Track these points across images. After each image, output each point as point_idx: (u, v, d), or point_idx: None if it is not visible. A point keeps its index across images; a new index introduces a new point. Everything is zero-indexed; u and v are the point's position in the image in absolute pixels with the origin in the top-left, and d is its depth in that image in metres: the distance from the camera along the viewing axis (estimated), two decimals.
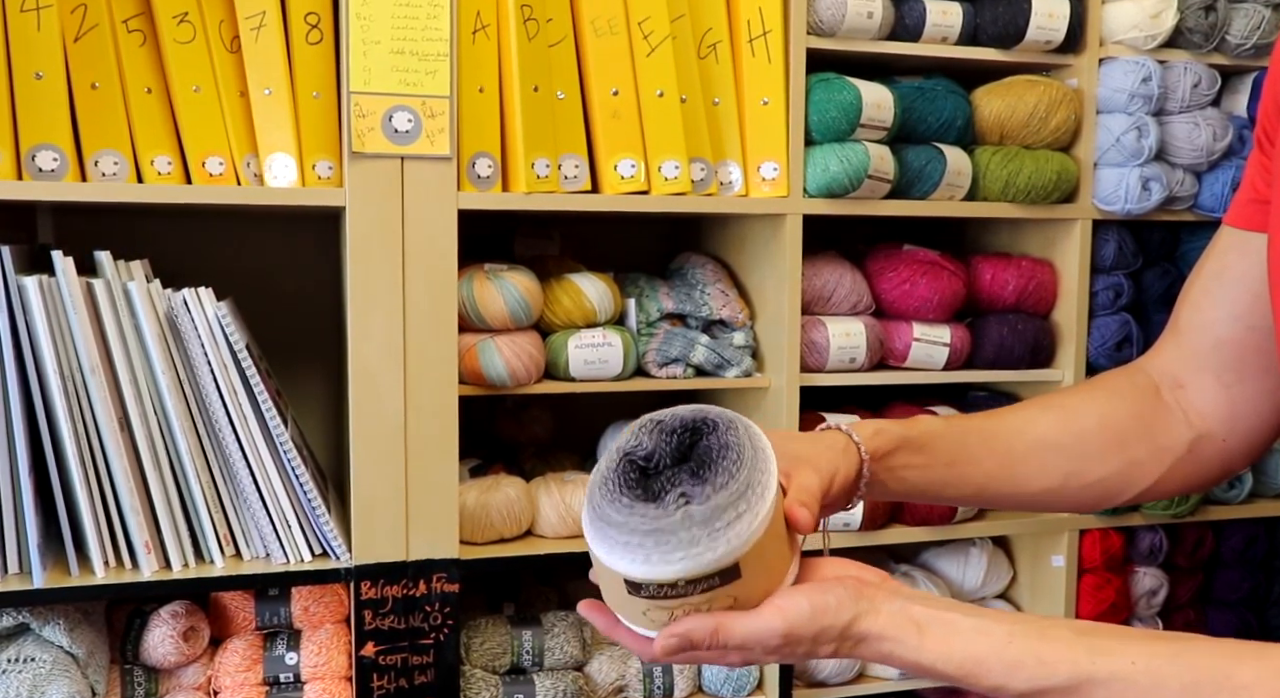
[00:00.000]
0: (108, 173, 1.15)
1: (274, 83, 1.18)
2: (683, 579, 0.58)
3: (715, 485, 0.59)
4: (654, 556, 0.58)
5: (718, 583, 0.59)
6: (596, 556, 0.61)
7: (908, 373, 1.45)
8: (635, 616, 0.62)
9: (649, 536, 0.58)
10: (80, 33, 1.14)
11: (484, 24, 1.24)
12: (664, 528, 0.58)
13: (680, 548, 0.58)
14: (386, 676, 1.23)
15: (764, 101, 1.33)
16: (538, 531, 1.34)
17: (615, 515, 0.60)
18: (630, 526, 0.59)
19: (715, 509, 0.58)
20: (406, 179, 1.19)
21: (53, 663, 1.13)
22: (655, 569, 0.58)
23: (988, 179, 1.41)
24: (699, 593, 0.59)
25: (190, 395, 1.16)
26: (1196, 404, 0.77)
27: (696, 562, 0.58)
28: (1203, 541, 1.60)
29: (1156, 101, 1.42)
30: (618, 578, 0.60)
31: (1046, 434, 0.77)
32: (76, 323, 1.10)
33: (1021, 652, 0.58)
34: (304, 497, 1.19)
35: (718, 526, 0.58)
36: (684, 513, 0.58)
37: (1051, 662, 0.57)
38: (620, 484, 0.61)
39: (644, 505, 0.59)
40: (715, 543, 0.58)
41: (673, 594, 0.59)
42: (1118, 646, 0.56)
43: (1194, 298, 0.77)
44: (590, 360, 1.31)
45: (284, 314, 1.45)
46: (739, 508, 0.59)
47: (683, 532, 0.58)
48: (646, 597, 0.59)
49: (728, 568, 0.58)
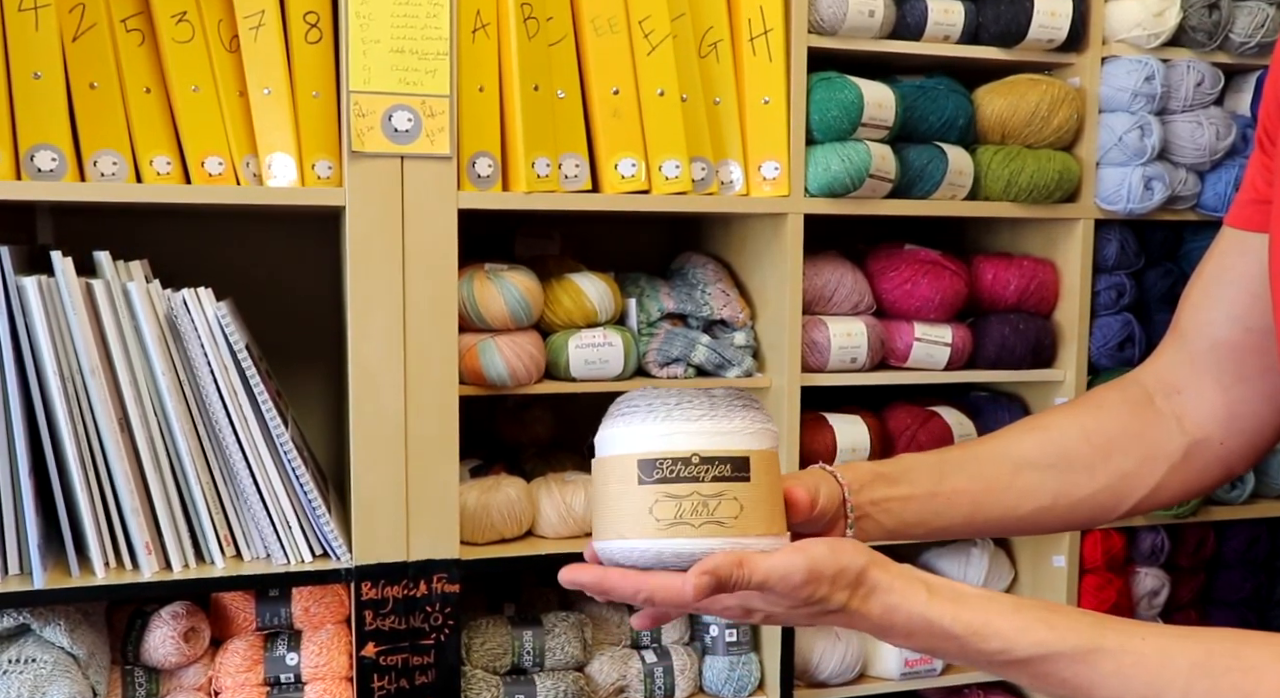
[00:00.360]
0: (107, 173, 1.15)
1: (273, 82, 1.18)
2: (699, 454, 0.61)
3: (733, 393, 0.65)
4: (675, 412, 0.62)
5: (729, 473, 0.61)
6: (610, 441, 0.64)
7: (909, 373, 1.45)
8: (639, 519, 0.62)
9: (671, 396, 0.63)
10: (78, 32, 1.13)
11: (484, 23, 1.23)
12: (687, 392, 0.63)
13: (701, 407, 0.62)
14: (387, 676, 1.23)
15: (765, 100, 1.32)
16: (538, 531, 1.34)
17: (637, 395, 0.64)
18: (654, 395, 0.64)
19: (733, 393, 0.64)
20: (406, 179, 1.19)
21: (54, 664, 1.13)
22: (676, 428, 0.61)
23: (989, 178, 1.40)
24: (710, 480, 0.61)
25: (190, 396, 1.15)
26: (1193, 409, 0.76)
27: (716, 426, 0.61)
28: (1204, 541, 1.60)
29: (1159, 100, 1.42)
30: (629, 466, 0.62)
31: (1028, 455, 0.77)
32: (76, 323, 1.10)
33: (1030, 618, 0.58)
34: (304, 497, 1.19)
35: (736, 402, 0.63)
36: (706, 393, 0.64)
37: (1060, 627, 0.57)
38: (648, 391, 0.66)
39: (668, 389, 0.65)
40: (732, 414, 0.62)
41: (686, 474, 0.61)
42: (1125, 624, 0.57)
43: (1194, 300, 0.77)
44: (591, 360, 1.31)
45: (284, 314, 1.44)
46: (751, 402, 0.64)
47: (704, 397, 0.63)
48: (658, 480, 0.61)
49: (741, 456, 0.61)
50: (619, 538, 0.63)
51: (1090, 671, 0.55)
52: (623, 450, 0.63)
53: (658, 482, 0.61)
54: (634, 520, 0.62)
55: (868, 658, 1.47)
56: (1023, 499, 0.77)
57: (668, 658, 1.38)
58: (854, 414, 1.44)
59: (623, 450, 0.63)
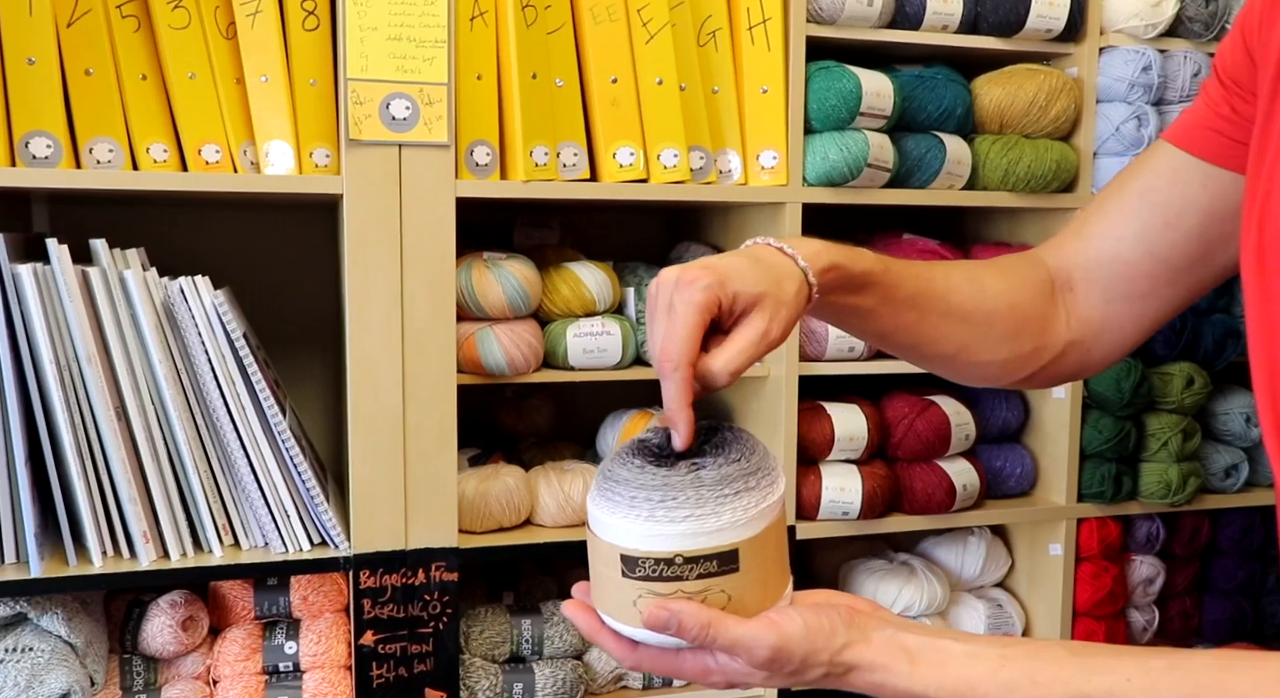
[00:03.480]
0: (103, 160, 1.14)
1: (270, 70, 1.17)
2: (682, 554, 0.57)
3: (727, 459, 0.60)
4: (658, 512, 0.57)
5: (715, 569, 0.58)
6: (597, 522, 0.60)
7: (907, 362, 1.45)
8: (624, 607, 0.60)
9: (656, 490, 0.58)
10: (73, 18, 1.13)
11: (482, 11, 1.23)
12: (672, 484, 0.58)
13: (686, 507, 0.57)
14: (386, 664, 1.23)
15: (763, 90, 1.32)
16: (537, 520, 1.34)
17: (624, 473, 0.60)
18: (638, 482, 0.59)
19: (725, 477, 0.58)
20: (404, 167, 1.19)
21: (51, 653, 1.13)
22: (659, 530, 0.57)
23: (987, 168, 1.41)
24: (695, 578, 0.58)
25: (187, 384, 1.15)
26: (1079, 310, 0.77)
27: (701, 526, 0.57)
28: (1199, 529, 1.61)
29: (1156, 91, 1.42)
30: (614, 556, 0.59)
31: (962, 306, 0.76)
32: (72, 312, 1.09)
33: (1015, 674, 0.57)
34: (302, 486, 1.19)
35: (726, 493, 0.58)
36: (694, 475, 0.58)
37: (1045, 682, 0.56)
38: (634, 452, 0.61)
39: (655, 467, 0.60)
40: (720, 510, 0.57)
41: (669, 574, 0.58)
42: (1112, 663, 0.56)
43: (1108, 208, 0.77)
44: (589, 349, 1.31)
45: (282, 303, 1.44)
46: (748, 483, 0.59)
47: (690, 490, 0.58)
48: (640, 577, 0.58)
49: (728, 551, 0.58)
50: (608, 615, 0.62)
51: None
52: (606, 538, 0.60)
53: (640, 579, 0.58)
54: (619, 607, 0.60)
55: None
56: (936, 342, 0.76)
57: None
58: (852, 403, 1.45)
59: (606, 538, 0.60)
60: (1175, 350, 1.51)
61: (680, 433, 0.61)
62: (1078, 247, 0.78)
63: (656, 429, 0.64)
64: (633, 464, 0.60)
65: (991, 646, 0.59)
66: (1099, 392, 1.48)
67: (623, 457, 0.62)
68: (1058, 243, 0.81)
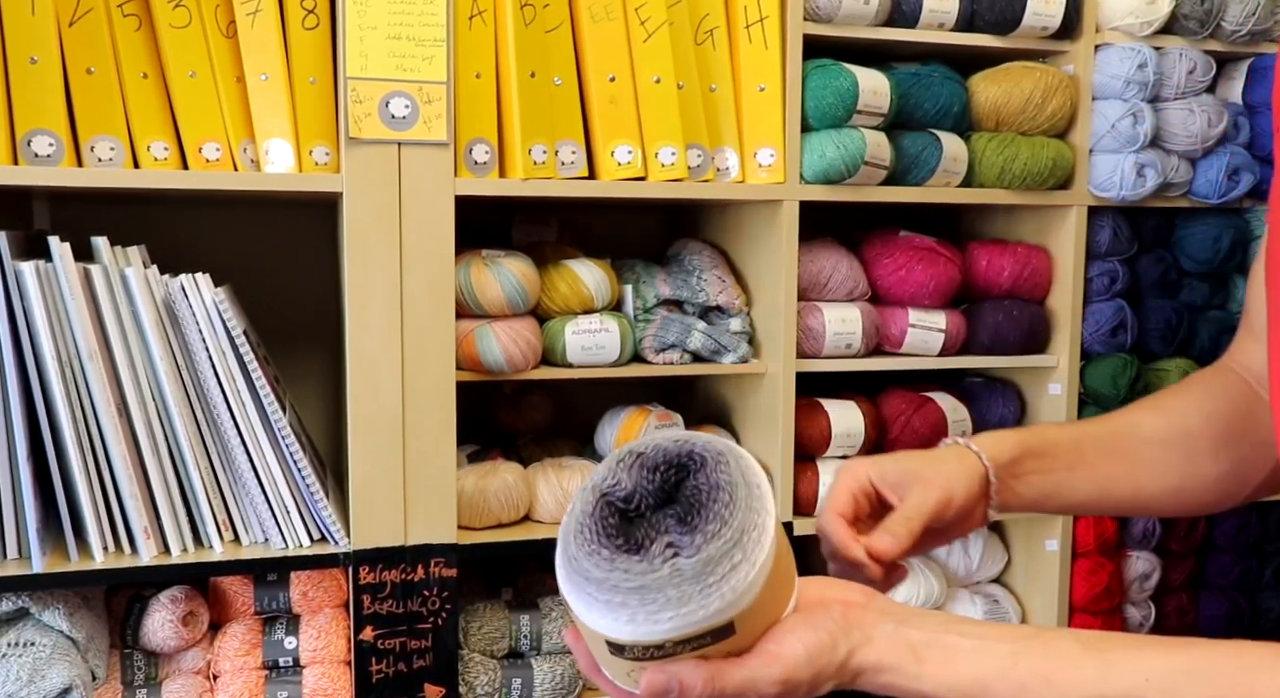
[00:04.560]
0: (104, 158, 1.15)
1: (270, 68, 1.18)
2: (670, 640, 0.52)
3: (706, 535, 0.52)
4: (639, 615, 0.51)
5: (709, 642, 0.53)
6: (574, 612, 0.55)
7: (904, 359, 1.46)
8: (620, 677, 0.57)
9: (633, 593, 0.52)
10: (75, 17, 1.13)
11: (480, 10, 1.24)
12: (650, 585, 0.51)
13: (669, 607, 0.51)
14: (385, 660, 1.24)
15: (761, 88, 1.33)
16: (535, 516, 1.35)
17: (595, 571, 0.53)
18: (611, 582, 0.52)
19: (707, 562, 0.52)
20: (404, 165, 1.19)
21: (52, 648, 1.14)
22: (641, 629, 0.52)
23: (984, 165, 1.41)
24: (689, 652, 0.53)
25: (188, 381, 1.16)
26: None
27: (687, 620, 0.52)
28: (1195, 525, 1.61)
29: (1152, 88, 1.43)
30: (599, 639, 0.54)
31: (1158, 434, 0.75)
32: (74, 309, 1.10)
33: (1028, 673, 0.54)
34: (302, 482, 1.19)
35: (710, 581, 0.51)
36: (672, 567, 0.52)
37: (1060, 682, 0.54)
38: (599, 533, 0.54)
39: (626, 558, 0.53)
40: (708, 600, 0.51)
41: (659, 655, 0.53)
42: (1128, 660, 0.53)
43: (1258, 294, 0.75)
44: (588, 347, 1.32)
45: (282, 301, 1.45)
46: (734, 558, 0.52)
47: (671, 589, 0.51)
48: (631, 659, 0.54)
49: (721, 626, 0.53)
50: (606, 675, 0.58)
51: None
52: (587, 624, 0.54)
53: (630, 659, 0.53)
54: (614, 675, 0.56)
55: None
56: (1152, 479, 0.75)
57: None
58: (849, 400, 1.45)
59: (587, 624, 0.54)
60: (1171, 347, 1.52)
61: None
62: (1253, 345, 0.77)
63: (620, 463, 0.57)
64: (600, 557, 0.53)
65: (1001, 640, 0.57)
66: (1095, 388, 1.49)
67: (587, 538, 0.54)
68: (1237, 346, 0.79)
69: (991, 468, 0.71)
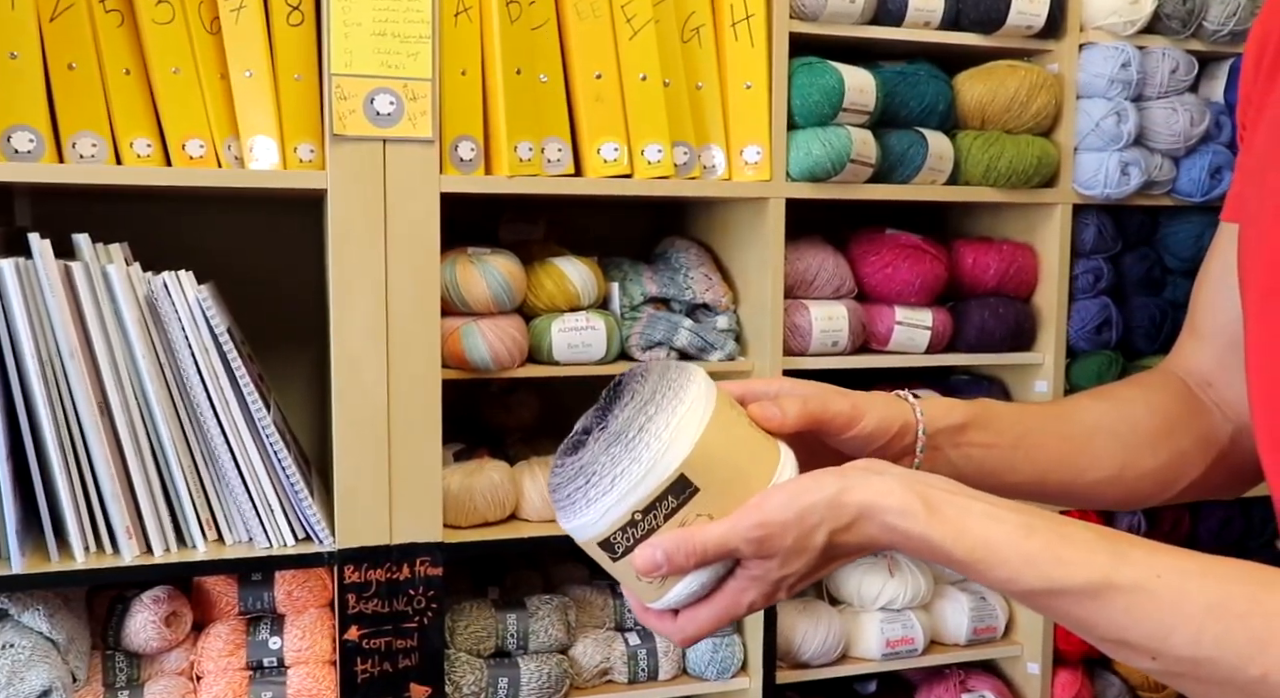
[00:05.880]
0: (86, 155, 1.14)
1: (255, 65, 1.17)
2: (634, 510, 0.56)
3: (620, 407, 0.58)
4: (592, 493, 0.56)
5: (674, 503, 0.56)
6: (570, 531, 0.60)
7: (890, 356, 1.46)
8: (637, 586, 0.59)
9: (579, 477, 0.57)
10: (56, 12, 1.12)
11: (466, 6, 1.23)
12: (586, 463, 0.57)
13: (607, 475, 0.56)
14: (370, 659, 1.23)
15: (747, 85, 1.33)
16: (521, 514, 1.34)
17: (554, 479, 0.60)
18: (564, 479, 0.58)
19: (626, 423, 0.57)
20: (389, 162, 1.19)
21: (32, 649, 1.12)
22: (605, 507, 0.56)
23: (969, 163, 1.42)
24: (665, 520, 0.56)
25: (171, 380, 1.15)
26: (1228, 398, 0.75)
27: (630, 482, 0.55)
28: (1179, 522, 1.62)
29: (1135, 87, 1.44)
30: (596, 550, 0.59)
31: (1101, 421, 0.75)
32: (54, 306, 1.09)
33: (1039, 547, 0.53)
34: (287, 481, 1.19)
35: (631, 435, 0.56)
36: (596, 441, 0.57)
37: (1071, 562, 0.52)
38: (561, 453, 0.61)
39: (569, 456, 0.59)
40: (637, 453, 0.55)
41: (640, 534, 0.56)
42: (1142, 556, 0.52)
43: (1207, 299, 0.76)
44: (574, 344, 1.31)
45: (266, 298, 1.44)
46: (648, 411, 0.57)
47: (603, 457, 0.56)
48: (624, 553, 0.57)
49: (672, 481, 0.55)
50: (643, 599, 0.61)
51: (1099, 608, 0.52)
52: (582, 539, 0.59)
53: (625, 554, 0.57)
54: (634, 588, 0.60)
55: (849, 639, 1.48)
56: (1092, 467, 0.74)
57: (651, 640, 1.39)
58: None
59: (582, 539, 0.59)
60: (1155, 344, 1.52)
61: None
62: (1197, 346, 0.77)
63: (587, 415, 0.63)
64: (556, 467, 0.60)
65: (1016, 513, 0.55)
66: (1080, 385, 1.50)
67: (553, 464, 0.62)
68: (1178, 350, 0.79)
69: (922, 422, 0.69)
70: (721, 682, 1.40)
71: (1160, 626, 0.51)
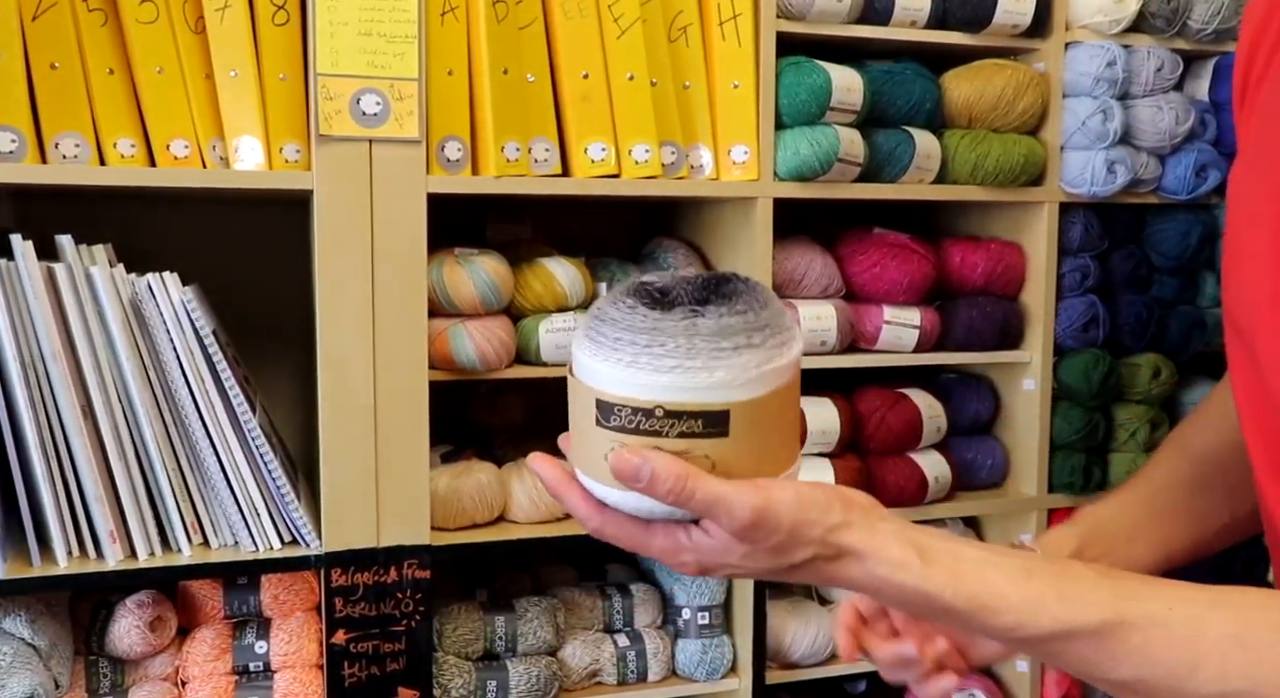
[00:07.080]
0: (69, 155, 1.13)
1: (240, 65, 1.17)
2: (663, 406, 0.51)
3: (732, 310, 0.52)
4: (643, 357, 0.51)
5: (700, 429, 0.51)
6: (578, 364, 0.54)
7: (878, 355, 1.46)
8: (596, 461, 0.54)
9: (643, 333, 0.51)
10: (38, 11, 1.11)
11: (452, 6, 1.23)
12: (663, 329, 0.51)
13: (674, 356, 0.50)
14: (358, 663, 1.22)
15: (734, 85, 1.33)
16: (510, 516, 1.34)
17: (613, 312, 0.53)
18: (626, 323, 0.52)
19: (725, 329, 0.51)
20: (375, 162, 1.18)
21: (13, 655, 1.11)
22: (640, 377, 0.50)
23: (956, 162, 1.42)
24: (675, 436, 0.51)
25: (155, 382, 1.14)
26: None
27: (688, 380, 0.50)
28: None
29: (1121, 85, 1.44)
30: (590, 401, 0.53)
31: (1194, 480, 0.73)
32: (37, 308, 1.08)
33: (1042, 588, 0.50)
34: (273, 484, 1.18)
35: (724, 344, 0.51)
36: (690, 321, 0.51)
37: (1076, 600, 0.50)
38: (629, 292, 0.55)
39: (647, 308, 0.53)
40: (714, 364, 0.50)
41: (646, 427, 0.51)
42: (1150, 591, 0.50)
43: None
44: (562, 345, 1.31)
45: (252, 300, 1.43)
46: (752, 338, 0.52)
47: (683, 338, 0.51)
48: (615, 427, 0.52)
49: (717, 411, 0.51)
50: (580, 470, 0.56)
51: (1113, 648, 0.49)
52: (585, 379, 0.53)
53: (615, 429, 0.52)
54: (591, 461, 0.54)
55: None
56: (1206, 523, 0.73)
57: (640, 642, 1.38)
58: (824, 397, 1.45)
59: (585, 379, 0.53)
60: (1143, 342, 1.53)
61: None
62: None
63: (663, 275, 0.58)
64: (624, 304, 0.54)
65: (1013, 557, 0.53)
66: (1068, 383, 1.50)
67: (616, 296, 0.55)
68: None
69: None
70: (711, 683, 1.39)
71: (1180, 662, 0.48)
